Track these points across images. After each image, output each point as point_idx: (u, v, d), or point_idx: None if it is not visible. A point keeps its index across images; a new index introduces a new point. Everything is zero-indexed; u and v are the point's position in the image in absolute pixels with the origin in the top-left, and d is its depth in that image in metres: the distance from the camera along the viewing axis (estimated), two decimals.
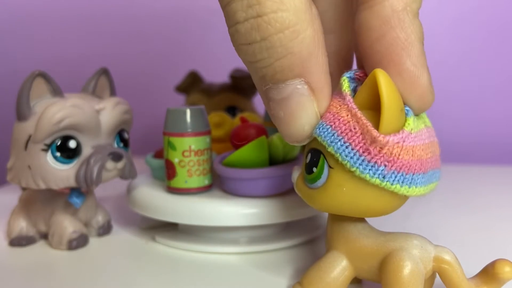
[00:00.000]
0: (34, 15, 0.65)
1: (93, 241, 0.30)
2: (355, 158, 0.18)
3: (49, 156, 0.27)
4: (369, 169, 0.18)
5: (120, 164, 0.28)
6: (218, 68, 0.55)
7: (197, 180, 0.28)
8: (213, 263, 0.27)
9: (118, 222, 0.34)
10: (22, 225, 0.30)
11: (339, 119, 0.19)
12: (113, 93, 0.31)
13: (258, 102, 0.50)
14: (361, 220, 0.22)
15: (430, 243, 0.20)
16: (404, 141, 0.18)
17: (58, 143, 0.27)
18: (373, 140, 0.18)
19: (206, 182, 0.29)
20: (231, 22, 0.18)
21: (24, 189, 0.31)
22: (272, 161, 0.28)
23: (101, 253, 0.29)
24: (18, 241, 0.29)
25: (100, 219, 0.31)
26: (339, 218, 0.22)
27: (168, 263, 0.27)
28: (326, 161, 0.20)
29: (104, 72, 0.31)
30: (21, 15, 0.65)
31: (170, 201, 0.28)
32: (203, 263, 0.27)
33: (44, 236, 0.31)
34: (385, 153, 0.18)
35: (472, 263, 0.21)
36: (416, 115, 0.20)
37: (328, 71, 0.19)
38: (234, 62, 0.55)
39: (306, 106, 0.19)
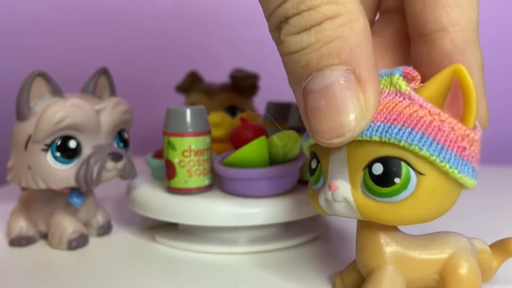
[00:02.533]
0: (34, 15, 0.65)
1: (93, 241, 0.30)
2: (453, 158, 0.17)
3: (49, 156, 0.27)
4: (465, 168, 0.18)
5: (120, 164, 0.28)
6: (218, 68, 0.55)
7: (197, 180, 0.28)
8: (213, 263, 0.27)
9: (118, 222, 0.34)
10: (22, 225, 0.30)
11: (418, 120, 0.17)
12: (113, 93, 0.31)
13: (258, 102, 0.50)
14: (396, 229, 0.21)
15: (468, 238, 0.21)
16: (479, 136, 0.18)
17: (58, 143, 0.27)
18: (465, 137, 0.18)
19: (206, 182, 0.29)
20: (281, 17, 0.18)
21: (24, 189, 0.31)
22: (272, 161, 0.28)
23: (101, 253, 0.29)
24: (18, 241, 0.29)
25: (100, 219, 0.31)
26: (373, 233, 0.20)
27: (168, 263, 0.27)
28: (413, 168, 0.18)
29: (104, 72, 0.31)
30: (21, 15, 0.65)
31: (170, 201, 0.28)
32: (203, 263, 0.27)
33: (44, 236, 0.31)
34: (474, 149, 0.18)
35: None
36: None
37: (377, 67, 0.18)
38: (234, 62, 0.55)
39: (351, 95, 0.17)
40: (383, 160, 0.18)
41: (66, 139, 0.27)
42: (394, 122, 0.18)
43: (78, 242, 0.29)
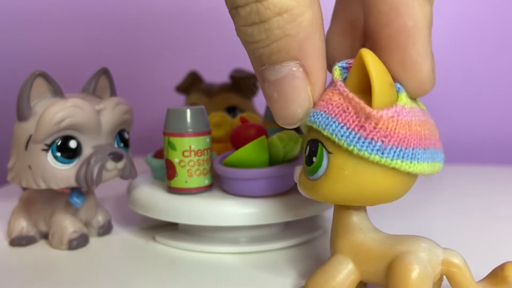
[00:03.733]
0: (34, 15, 0.65)
1: (94, 241, 0.30)
2: (351, 136, 0.18)
3: (49, 156, 0.27)
4: (367, 146, 0.18)
5: (120, 164, 0.28)
6: (218, 68, 0.55)
7: (197, 180, 0.29)
8: (213, 263, 0.27)
9: (118, 222, 0.34)
10: (22, 225, 0.30)
11: (332, 104, 0.19)
12: (113, 93, 0.31)
13: (258, 102, 0.50)
14: (367, 222, 0.21)
15: (438, 246, 0.20)
16: (398, 115, 0.18)
17: (59, 143, 0.27)
18: (367, 116, 0.18)
19: (206, 182, 0.29)
20: (232, 5, 0.18)
21: (24, 189, 0.31)
22: (272, 161, 0.28)
23: (101, 253, 0.29)
24: (19, 241, 0.30)
25: (100, 219, 0.31)
26: (343, 221, 0.21)
27: (168, 263, 0.27)
28: (325, 147, 0.19)
29: (105, 72, 0.31)
30: (21, 15, 0.65)
31: (170, 201, 0.29)
32: (203, 263, 0.27)
33: (45, 236, 0.31)
34: (381, 128, 0.18)
35: (472, 264, 0.21)
36: (412, 99, 0.20)
37: (325, 56, 0.19)
38: (234, 62, 0.55)
39: (299, 89, 0.19)
40: (309, 142, 0.20)
41: (66, 139, 0.27)
42: (317, 107, 0.20)
43: (79, 242, 0.29)
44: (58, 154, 0.27)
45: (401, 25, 0.19)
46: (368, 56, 0.18)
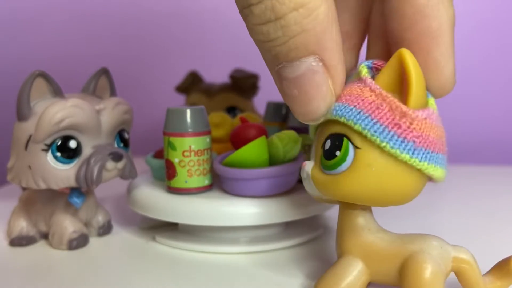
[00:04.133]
0: (35, 15, 0.65)
1: (93, 241, 0.30)
2: (384, 133, 0.18)
3: (49, 156, 0.27)
4: (399, 144, 0.18)
5: (120, 164, 0.28)
6: (218, 68, 0.55)
7: (197, 180, 0.29)
8: (213, 263, 0.27)
9: (118, 222, 0.34)
10: (22, 225, 0.30)
11: (362, 99, 0.19)
12: (113, 93, 0.31)
13: (258, 102, 0.50)
14: (374, 223, 0.21)
15: (447, 243, 0.20)
16: (430, 118, 0.19)
17: (59, 143, 0.27)
18: (403, 114, 0.18)
19: (206, 182, 0.29)
20: (244, 3, 0.18)
21: (24, 189, 0.31)
22: (272, 161, 0.28)
23: (101, 253, 0.29)
24: (19, 241, 0.29)
25: (100, 219, 0.31)
26: (349, 221, 0.21)
27: (168, 263, 0.27)
28: (351, 142, 0.19)
29: (105, 72, 0.31)
30: (21, 15, 0.65)
31: (170, 201, 0.28)
32: (203, 263, 0.27)
33: (45, 236, 0.31)
34: (414, 128, 0.18)
35: None
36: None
37: (342, 49, 0.19)
38: (234, 62, 0.55)
39: (321, 83, 0.19)
40: (331, 136, 0.20)
41: (66, 139, 0.27)
42: (343, 102, 0.19)
43: (79, 242, 0.29)
44: (58, 154, 0.27)
45: (426, 27, 0.19)
46: (408, 55, 0.18)
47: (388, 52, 0.21)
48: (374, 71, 0.21)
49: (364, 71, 0.20)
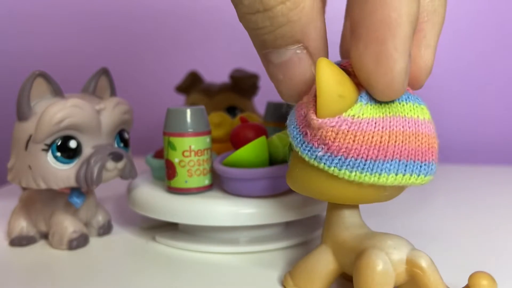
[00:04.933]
0: (34, 15, 0.65)
1: (94, 241, 0.30)
2: (298, 139, 0.20)
3: (49, 156, 0.27)
4: (308, 151, 0.19)
5: (120, 164, 0.28)
6: (218, 68, 0.55)
7: (197, 180, 0.29)
8: (213, 263, 0.27)
9: (118, 222, 0.34)
10: (22, 225, 0.30)
11: (300, 104, 0.20)
12: (113, 93, 0.31)
13: (258, 102, 0.50)
14: (354, 218, 0.22)
15: (407, 245, 0.20)
16: (340, 126, 0.19)
17: (59, 143, 0.27)
18: (309, 124, 0.19)
19: (206, 182, 0.29)
20: None
21: (24, 189, 0.31)
22: (272, 161, 0.28)
23: (101, 253, 0.29)
24: (19, 241, 0.30)
25: (100, 219, 0.31)
26: (331, 214, 0.22)
27: (168, 263, 0.27)
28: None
29: (105, 72, 0.31)
30: (21, 15, 0.65)
31: (170, 201, 0.29)
32: (203, 263, 0.27)
33: (45, 236, 0.31)
34: (320, 136, 0.19)
35: (472, 263, 0.21)
36: (382, 102, 0.19)
37: (326, 37, 0.20)
38: (234, 62, 0.55)
39: (304, 70, 0.20)
40: None
41: (66, 139, 0.27)
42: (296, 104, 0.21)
43: (79, 242, 0.29)
44: (58, 154, 0.27)
45: (384, 16, 0.18)
46: (322, 65, 0.18)
47: None
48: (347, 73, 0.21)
49: None
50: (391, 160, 0.19)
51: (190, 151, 0.28)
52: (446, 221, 0.34)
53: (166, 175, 0.29)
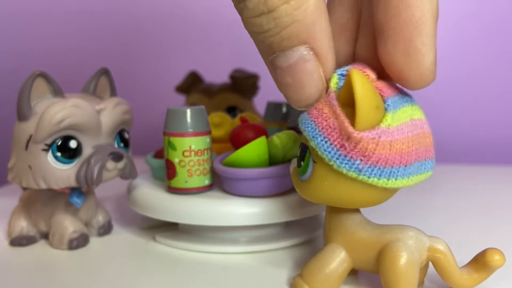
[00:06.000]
0: (34, 14, 0.65)
1: (94, 241, 0.30)
2: (332, 152, 0.19)
3: (49, 156, 0.27)
4: (345, 163, 0.19)
5: (120, 164, 0.28)
6: (218, 68, 0.56)
7: (197, 180, 0.29)
8: (213, 263, 0.27)
9: (118, 222, 0.34)
10: (22, 225, 0.30)
11: (322, 115, 0.20)
12: (113, 93, 0.31)
13: (258, 102, 0.50)
14: (357, 213, 0.22)
15: (424, 234, 0.21)
16: (380, 137, 0.19)
17: (59, 143, 0.27)
18: (348, 137, 0.19)
19: (206, 182, 0.29)
20: None
21: (24, 189, 0.31)
22: (272, 161, 0.28)
23: (102, 253, 0.29)
24: (19, 241, 0.30)
25: (100, 219, 0.31)
26: (335, 212, 0.22)
27: (168, 263, 0.27)
28: (311, 155, 0.21)
29: (105, 72, 0.31)
30: (21, 15, 0.65)
31: (170, 201, 0.29)
32: (203, 263, 0.27)
33: (45, 236, 0.31)
34: (360, 148, 0.19)
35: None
36: (412, 90, 0.21)
37: (332, 37, 0.20)
38: (234, 62, 0.55)
39: (312, 71, 0.20)
40: (301, 145, 0.22)
41: (66, 139, 0.27)
42: (310, 115, 0.20)
43: (79, 242, 0.29)
44: (58, 154, 0.27)
45: (409, 16, 0.19)
46: (356, 77, 0.19)
47: (375, 43, 0.22)
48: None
49: (333, 81, 0.20)
50: (414, 163, 0.20)
51: (190, 151, 0.28)
52: (445, 221, 0.34)
53: (166, 175, 0.29)
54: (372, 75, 0.21)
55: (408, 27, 0.20)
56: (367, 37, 0.23)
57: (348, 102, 0.19)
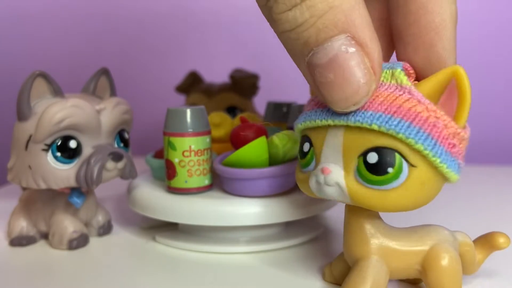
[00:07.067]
0: (34, 15, 0.65)
1: (94, 241, 0.30)
2: (443, 154, 0.18)
3: (49, 156, 0.27)
4: (453, 164, 0.19)
5: (120, 164, 0.28)
6: (218, 68, 0.56)
7: (197, 180, 0.29)
8: (213, 263, 0.27)
9: (118, 222, 0.34)
10: (22, 225, 0.30)
11: (417, 115, 0.18)
12: (113, 93, 0.31)
13: (258, 102, 0.50)
14: (382, 223, 0.21)
15: (452, 231, 0.22)
16: (467, 135, 0.19)
17: (59, 143, 0.27)
18: (456, 135, 0.19)
19: (206, 182, 0.29)
20: None
21: (24, 189, 0.31)
22: (272, 161, 0.28)
23: (101, 253, 0.29)
24: (19, 241, 0.30)
25: (100, 219, 0.31)
26: (360, 226, 0.21)
27: (168, 263, 0.27)
28: (406, 160, 0.18)
29: (105, 72, 0.31)
30: (21, 15, 0.65)
31: (170, 201, 0.29)
32: (203, 263, 0.27)
33: (45, 236, 0.31)
34: (462, 147, 0.19)
35: None
36: None
37: (372, 26, 0.18)
38: (234, 62, 0.55)
39: (357, 62, 0.17)
40: (378, 149, 0.19)
41: (66, 139, 0.27)
42: (394, 114, 0.18)
43: (79, 242, 0.29)
44: (58, 154, 0.27)
45: (429, 22, 0.19)
46: (465, 75, 0.19)
47: (390, 44, 0.22)
48: (407, 75, 0.20)
49: (405, 78, 0.19)
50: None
51: (190, 151, 0.28)
52: (445, 221, 0.33)
53: (166, 175, 0.29)
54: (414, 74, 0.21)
55: (428, 33, 0.19)
56: (382, 39, 0.22)
57: (433, 98, 0.19)
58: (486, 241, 0.23)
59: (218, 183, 0.30)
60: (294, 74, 0.23)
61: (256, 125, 0.30)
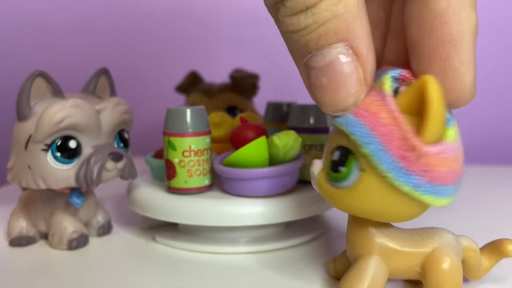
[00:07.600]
0: (34, 15, 0.65)
1: (93, 241, 0.30)
2: (391, 164, 0.18)
3: (49, 156, 0.27)
4: (404, 177, 0.18)
5: (120, 164, 0.28)
6: (218, 68, 0.56)
7: (197, 180, 0.29)
8: (213, 263, 0.27)
9: (118, 222, 0.34)
10: (22, 225, 0.30)
11: (377, 120, 0.18)
12: (113, 93, 0.31)
13: (258, 102, 0.50)
14: (384, 223, 0.21)
15: (456, 235, 0.22)
16: (443, 153, 0.18)
17: (58, 143, 0.27)
18: (412, 148, 0.17)
19: (206, 182, 0.29)
20: None
21: (24, 189, 0.31)
22: (272, 161, 0.28)
23: (101, 253, 0.29)
24: (18, 241, 0.29)
25: (100, 219, 0.31)
26: (362, 226, 0.21)
27: (168, 263, 0.27)
28: (357, 162, 0.19)
29: (104, 72, 0.31)
30: (21, 16, 0.65)
31: (170, 201, 0.28)
32: (203, 263, 0.27)
33: (44, 236, 0.31)
34: (423, 162, 0.17)
35: None
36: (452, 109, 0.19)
37: (371, 37, 0.18)
38: (234, 62, 0.55)
39: (351, 71, 0.18)
40: (340, 148, 0.20)
41: (66, 139, 0.27)
42: (360, 117, 0.18)
43: (78, 242, 0.29)
44: (58, 154, 0.27)
45: (446, 34, 0.18)
46: (432, 85, 0.17)
47: (405, 50, 0.20)
48: (400, 83, 0.20)
49: (388, 84, 0.19)
50: (455, 183, 0.19)
51: (190, 151, 0.28)
52: (445, 221, 0.33)
53: (166, 175, 0.29)
54: None
55: (445, 45, 0.18)
56: (398, 42, 0.21)
57: (411, 109, 0.18)
58: (495, 248, 0.22)
59: (218, 183, 0.30)
60: (294, 74, 0.23)
61: (256, 125, 0.30)
